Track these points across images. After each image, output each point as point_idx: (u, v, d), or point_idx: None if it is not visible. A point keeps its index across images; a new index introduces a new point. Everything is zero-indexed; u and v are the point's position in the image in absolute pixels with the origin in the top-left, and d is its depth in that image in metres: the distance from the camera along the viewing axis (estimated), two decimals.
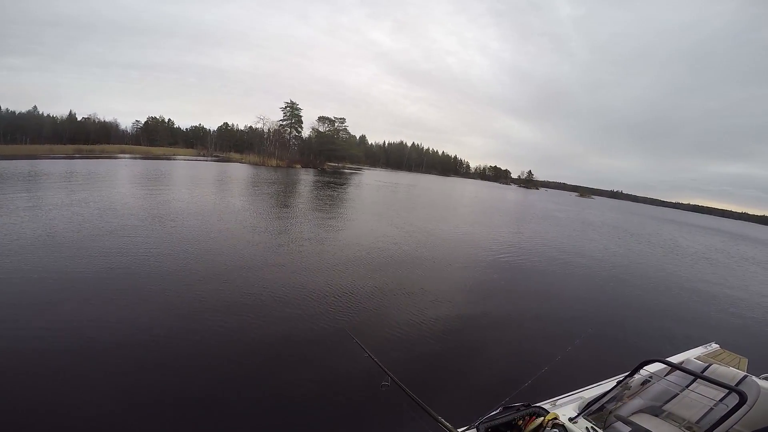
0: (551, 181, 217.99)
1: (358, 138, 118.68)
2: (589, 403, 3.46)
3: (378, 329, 6.94)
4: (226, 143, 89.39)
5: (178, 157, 65.36)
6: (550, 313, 9.02)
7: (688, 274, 16.81)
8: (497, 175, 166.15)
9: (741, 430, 3.16)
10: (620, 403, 3.77)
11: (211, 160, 65.30)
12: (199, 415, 4.27)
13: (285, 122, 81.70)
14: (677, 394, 3.81)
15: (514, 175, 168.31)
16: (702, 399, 3.53)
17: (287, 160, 72.05)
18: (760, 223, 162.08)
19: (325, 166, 79.74)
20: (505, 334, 7.48)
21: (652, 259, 20.08)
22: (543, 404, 3.39)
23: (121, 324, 6.06)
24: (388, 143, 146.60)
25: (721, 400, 3.40)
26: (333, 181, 46.58)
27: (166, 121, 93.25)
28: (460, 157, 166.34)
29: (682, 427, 3.48)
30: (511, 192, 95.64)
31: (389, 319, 7.42)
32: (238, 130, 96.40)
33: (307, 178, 48.85)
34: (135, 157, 54.04)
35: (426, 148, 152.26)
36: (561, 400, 3.61)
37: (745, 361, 5.42)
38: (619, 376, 3.84)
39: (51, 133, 65.59)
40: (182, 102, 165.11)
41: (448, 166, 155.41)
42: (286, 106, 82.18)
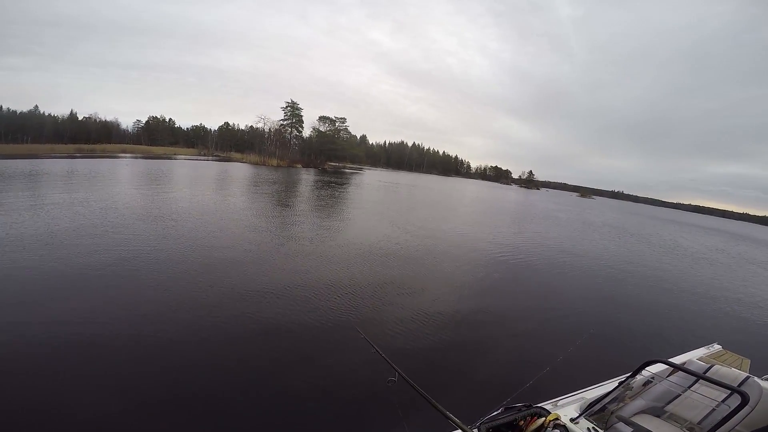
0: (552, 181, 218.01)
1: (358, 138, 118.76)
2: (590, 404, 3.45)
3: (381, 329, 6.94)
4: (227, 143, 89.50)
5: (179, 156, 65.43)
6: (552, 313, 9.01)
7: (689, 275, 16.78)
8: (498, 175, 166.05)
9: (743, 431, 3.15)
10: (622, 404, 3.76)
11: (212, 160, 65.37)
12: (206, 413, 4.27)
13: (286, 122, 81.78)
14: (679, 395, 3.80)
15: (515, 175, 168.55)
16: (704, 400, 3.52)
17: (288, 160, 72.11)
18: (761, 224, 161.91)
19: (326, 166, 79.77)
20: (506, 334, 7.47)
21: (653, 259, 20.04)
22: (544, 405, 3.38)
23: (124, 322, 6.06)
24: (389, 143, 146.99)
25: (723, 401, 3.39)
26: (334, 181, 46.58)
27: (167, 120, 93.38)
28: (460, 157, 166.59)
29: (684, 428, 3.46)
30: (512, 192, 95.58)
31: (391, 319, 7.42)
32: (239, 130, 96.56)
33: (308, 177, 48.85)
34: (136, 157, 54.05)
35: (427, 148, 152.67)
36: (562, 401, 3.60)
37: (747, 362, 5.41)
38: (621, 377, 3.83)
39: (52, 132, 65.69)
40: (182, 102, 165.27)
41: (449, 166, 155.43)
42: (287, 106, 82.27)
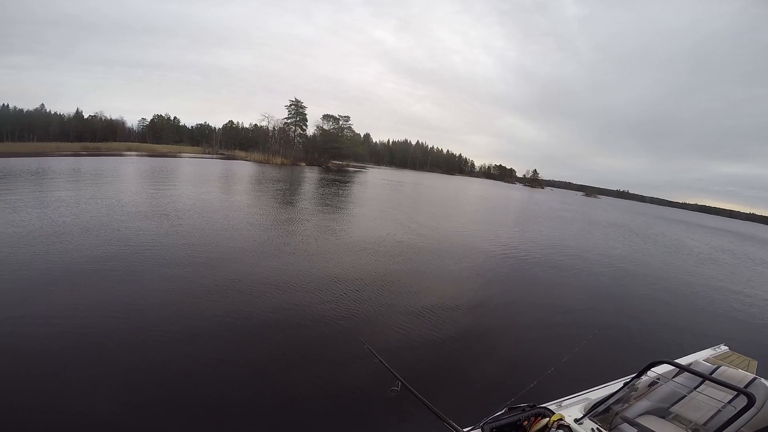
0: (557, 180, 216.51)
1: (362, 136, 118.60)
2: (595, 405, 3.44)
3: (384, 327, 6.95)
4: (231, 141, 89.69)
5: (183, 154, 65.79)
6: (557, 313, 8.98)
7: (695, 275, 16.64)
8: (502, 174, 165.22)
9: None
10: (627, 405, 3.74)
11: (217, 158, 65.68)
12: (205, 416, 4.25)
13: (290, 120, 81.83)
14: (685, 396, 3.78)
15: (519, 174, 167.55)
16: (710, 401, 3.50)
17: (292, 158, 72.18)
18: None
19: (330, 165, 79.81)
20: (511, 334, 7.44)
21: (660, 259, 19.91)
22: (548, 405, 3.37)
23: (127, 321, 6.10)
24: (393, 141, 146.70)
25: (729, 402, 3.36)
26: (338, 179, 46.64)
27: (172, 119, 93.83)
28: (464, 155, 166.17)
29: (689, 429, 3.44)
30: (517, 191, 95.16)
31: (394, 319, 7.42)
32: (243, 128, 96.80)
33: (312, 176, 48.94)
34: (141, 155, 54.38)
35: (431, 146, 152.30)
36: (567, 401, 3.58)
37: (754, 363, 5.37)
38: (626, 378, 3.82)
39: (58, 130, 66.03)
40: (187, 100, 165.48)
41: (453, 165, 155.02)
42: (291, 104, 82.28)
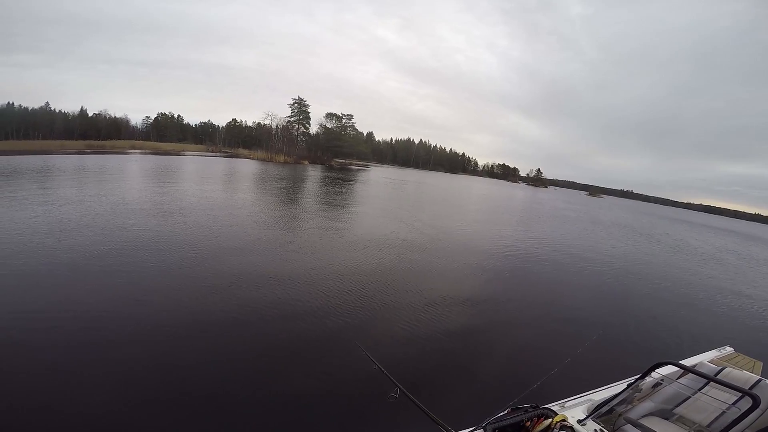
0: (560, 179, 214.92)
1: (365, 135, 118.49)
2: (598, 406, 3.43)
3: (386, 326, 6.95)
4: (235, 139, 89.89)
5: (187, 152, 65.99)
6: (561, 314, 8.94)
7: (699, 276, 16.55)
8: (505, 173, 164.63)
9: None
10: (630, 406, 3.72)
11: (220, 156, 65.84)
12: (201, 416, 4.23)
13: (293, 118, 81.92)
14: (689, 397, 3.76)
15: (523, 173, 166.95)
16: (714, 402, 3.48)
17: (295, 157, 72.26)
18: None
19: (333, 163, 79.84)
20: (514, 334, 7.42)
21: (664, 259, 19.81)
22: (551, 406, 3.37)
23: (130, 317, 6.13)
24: (396, 140, 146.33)
25: (733, 404, 3.35)
26: (341, 178, 46.66)
27: (176, 117, 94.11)
28: (468, 154, 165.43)
29: (693, 431, 3.43)
30: (520, 190, 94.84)
31: (397, 316, 7.42)
32: (246, 127, 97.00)
33: (314, 174, 49.00)
34: (145, 153, 54.59)
35: (434, 145, 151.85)
36: (570, 402, 3.58)
37: (759, 365, 5.33)
38: (630, 379, 3.80)
39: (62, 128, 66.40)
40: (190, 98, 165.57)
41: (456, 164, 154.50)
42: (294, 103, 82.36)
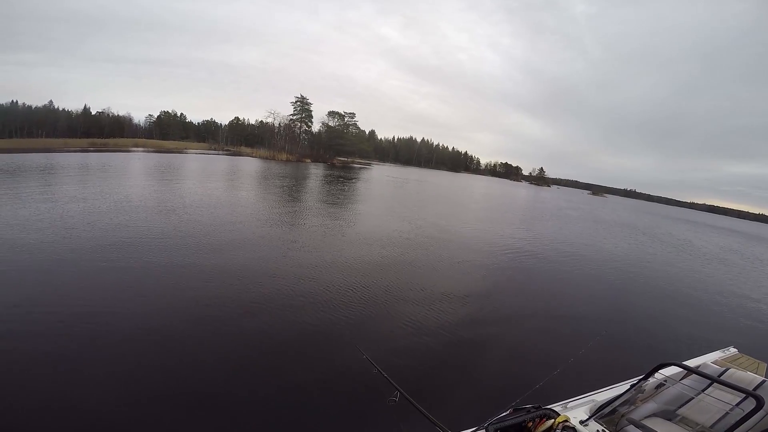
0: (563, 178, 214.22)
1: (367, 133, 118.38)
2: (601, 406, 3.41)
3: (387, 327, 6.94)
4: (237, 137, 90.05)
5: (190, 150, 66.24)
6: (563, 314, 8.91)
7: (703, 276, 16.47)
8: (508, 172, 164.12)
9: None
10: (633, 407, 3.70)
11: (223, 154, 65.98)
12: (201, 416, 4.22)
13: (295, 117, 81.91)
14: (692, 398, 3.73)
15: (525, 172, 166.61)
16: (717, 403, 3.45)
17: (297, 155, 72.34)
18: None
19: (335, 161, 79.82)
20: (516, 334, 7.39)
21: (667, 259, 19.72)
22: (554, 406, 3.35)
23: (132, 316, 6.15)
24: (398, 138, 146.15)
25: (737, 405, 3.32)
26: (343, 176, 46.68)
27: (179, 115, 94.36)
28: (470, 153, 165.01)
29: None
30: (523, 189, 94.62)
31: (399, 316, 7.42)
32: (249, 125, 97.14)
33: (317, 172, 49.03)
34: (148, 151, 54.83)
35: (436, 143, 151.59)
36: (572, 403, 3.56)
37: (763, 366, 5.29)
38: (633, 380, 3.78)
39: (66, 127, 66.62)
40: (193, 97, 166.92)
41: (458, 162, 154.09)
42: (297, 101, 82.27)
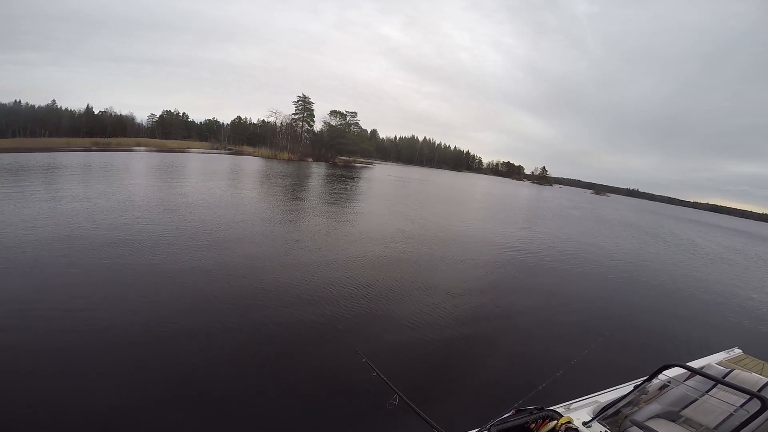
0: (565, 177, 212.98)
1: (369, 132, 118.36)
2: (604, 407, 3.39)
3: (388, 327, 6.92)
4: (239, 137, 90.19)
5: (192, 150, 66.37)
6: (566, 315, 8.87)
7: (708, 276, 16.38)
8: (510, 171, 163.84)
9: None
10: (636, 408, 3.68)
11: (225, 153, 66.08)
12: (200, 417, 4.21)
13: (297, 116, 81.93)
14: (696, 400, 3.71)
15: (528, 171, 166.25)
16: (721, 405, 3.42)
17: (299, 154, 72.38)
18: None
19: (337, 160, 79.82)
20: (519, 335, 7.36)
21: (670, 259, 19.64)
22: (557, 408, 3.34)
23: (134, 317, 6.15)
24: (400, 138, 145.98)
25: (741, 406, 3.29)
26: (345, 175, 46.68)
27: (181, 114, 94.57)
28: (472, 152, 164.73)
29: None
30: (525, 188, 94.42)
31: (401, 315, 7.40)
32: (251, 124, 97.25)
33: (318, 171, 49.04)
34: (150, 150, 54.97)
35: (438, 143, 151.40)
36: (575, 404, 3.54)
37: None
38: (637, 381, 3.76)
39: (69, 126, 66.80)
40: (195, 96, 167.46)
41: (460, 162, 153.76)
42: (298, 100, 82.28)
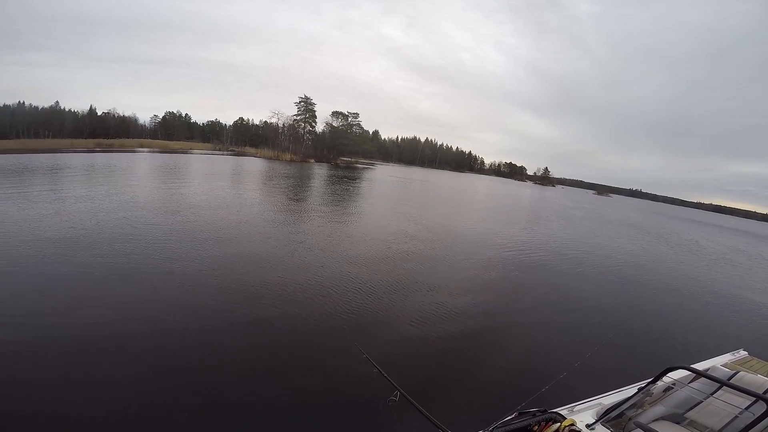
0: (568, 178, 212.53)
1: (371, 133, 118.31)
2: (607, 410, 3.37)
3: (390, 328, 6.91)
4: (242, 138, 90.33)
5: (194, 151, 66.54)
6: (570, 317, 8.82)
7: (712, 277, 16.29)
8: (512, 172, 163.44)
9: None
10: (640, 410, 3.66)
11: (227, 155, 66.21)
12: (201, 415, 4.22)
13: (299, 117, 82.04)
14: (701, 402, 3.68)
15: (530, 172, 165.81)
16: (727, 407, 3.40)
17: (301, 155, 72.49)
18: None
19: (338, 161, 79.89)
20: (522, 337, 7.33)
21: (674, 260, 19.56)
22: (560, 410, 3.32)
23: (137, 318, 6.17)
24: (401, 138, 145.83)
25: (746, 409, 3.27)
26: (347, 176, 46.70)
27: (183, 115, 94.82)
28: (474, 153, 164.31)
29: None
30: (527, 189, 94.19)
31: (402, 317, 7.39)
32: (253, 125, 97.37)
33: (321, 172, 49.08)
34: (153, 151, 55.17)
35: (440, 143, 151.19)
36: (579, 406, 3.52)
37: None
38: (641, 383, 3.74)
39: (72, 127, 67.01)
40: (197, 97, 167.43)
41: (462, 162, 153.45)
42: (300, 101, 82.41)
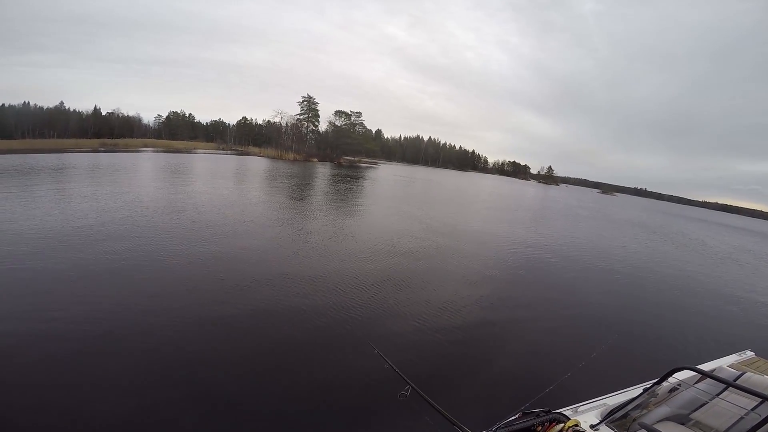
0: (572, 177, 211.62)
1: (374, 132, 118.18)
2: (612, 410, 3.35)
3: (398, 326, 6.91)
4: (245, 137, 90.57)
5: (198, 150, 66.78)
6: (574, 317, 8.78)
7: (718, 277, 16.17)
8: (516, 171, 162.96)
9: None
10: (645, 411, 3.64)
11: (231, 154, 66.42)
12: (214, 410, 4.25)
13: (302, 116, 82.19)
14: (706, 403, 3.65)
15: (534, 171, 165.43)
16: (733, 408, 3.37)
17: (304, 154, 72.56)
18: None
19: (342, 160, 79.93)
20: (527, 337, 7.30)
21: (680, 260, 19.40)
22: (564, 410, 3.30)
23: (144, 316, 6.20)
24: (405, 138, 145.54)
25: (753, 409, 3.24)
26: (350, 175, 46.74)
27: (187, 115, 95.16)
28: (477, 152, 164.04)
29: None
30: (531, 188, 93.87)
31: (410, 315, 7.39)
32: (257, 125, 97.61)
33: (324, 171, 49.15)
34: (157, 151, 55.42)
35: (443, 142, 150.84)
36: (583, 407, 3.49)
37: None
38: (646, 384, 3.71)
39: (77, 127, 67.43)
40: (201, 97, 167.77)
41: (466, 161, 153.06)
42: (304, 101, 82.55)
